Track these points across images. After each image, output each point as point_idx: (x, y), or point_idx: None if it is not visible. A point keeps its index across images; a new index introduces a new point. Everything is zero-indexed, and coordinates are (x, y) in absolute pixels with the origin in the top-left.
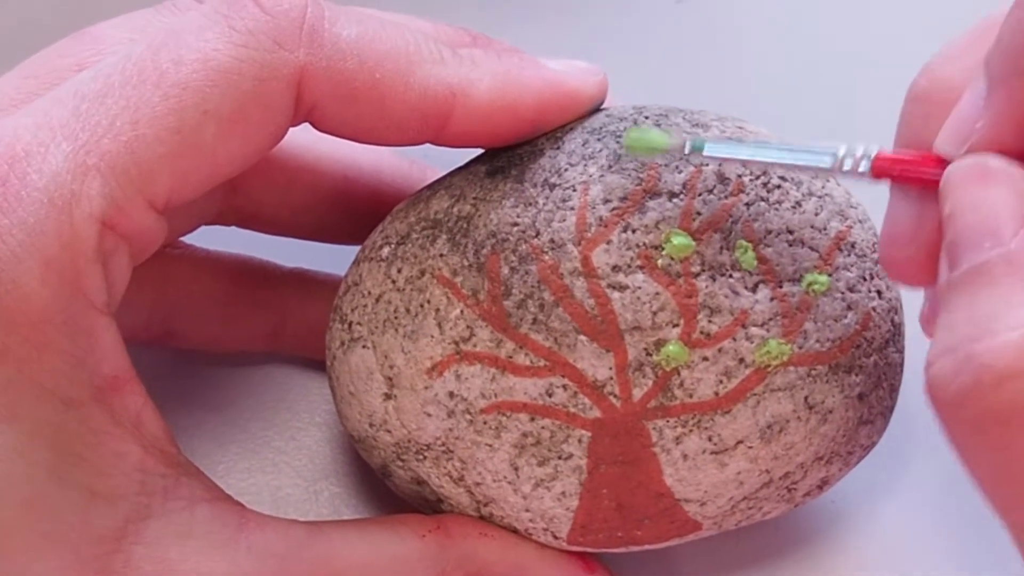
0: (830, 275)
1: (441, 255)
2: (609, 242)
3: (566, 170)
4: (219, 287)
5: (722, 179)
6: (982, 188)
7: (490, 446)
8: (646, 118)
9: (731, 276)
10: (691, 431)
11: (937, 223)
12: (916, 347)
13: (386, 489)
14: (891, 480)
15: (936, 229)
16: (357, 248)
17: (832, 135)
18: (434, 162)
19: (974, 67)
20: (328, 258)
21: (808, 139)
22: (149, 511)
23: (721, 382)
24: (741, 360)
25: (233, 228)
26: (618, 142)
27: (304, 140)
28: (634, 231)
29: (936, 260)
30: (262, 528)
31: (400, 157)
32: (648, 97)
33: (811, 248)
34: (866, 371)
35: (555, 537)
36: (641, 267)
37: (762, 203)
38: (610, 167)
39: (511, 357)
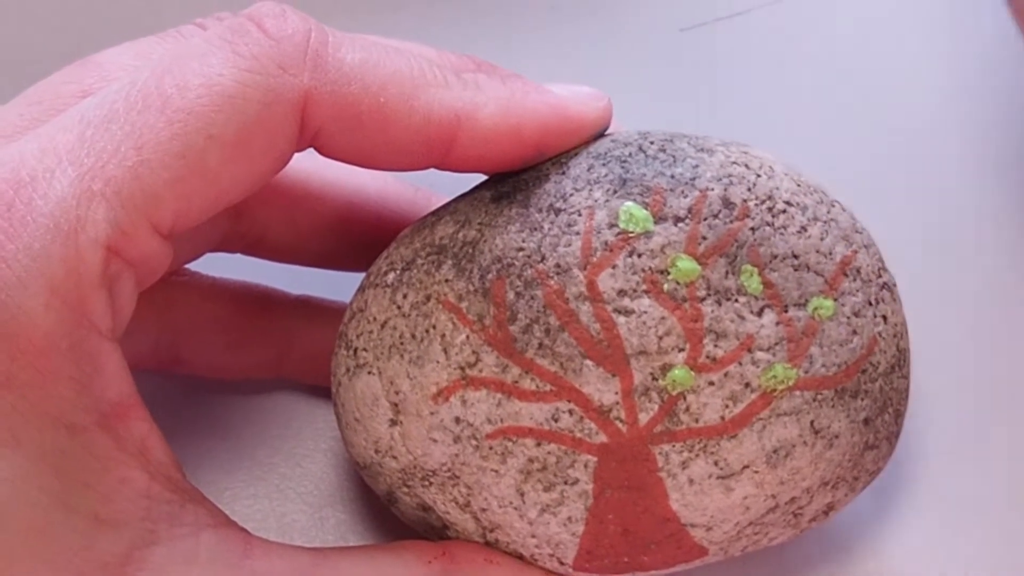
0: (835, 300)
1: (446, 280)
2: (615, 266)
3: (571, 195)
4: (224, 314)
5: (727, 204)
6: None
7: (496, 471)
8: (651, 143)
9: (737, 301)
10: (697, 456)
11: None
12: (921, 372)
13: (391, 516)
14: (896, 507)
15: None
16: (362, 275)
17: (835, 161)
18: (438, 189)
19: None
20: (333, 285)
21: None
22: (154, 537)
23: (727, 406)
24: (747, 385)
25: (238, 255)
26: (623, 167)
27: (309, 167)
28: (640, 255)
29: None
30: (267, 554)
31: (404, 184)
32: (652, 124)
33: (816, 273)
34: (872, 396)
35: (561, 563)
36: (647, 291)
37: (767, 228)
38: (615, 192)
39: (517, 382)
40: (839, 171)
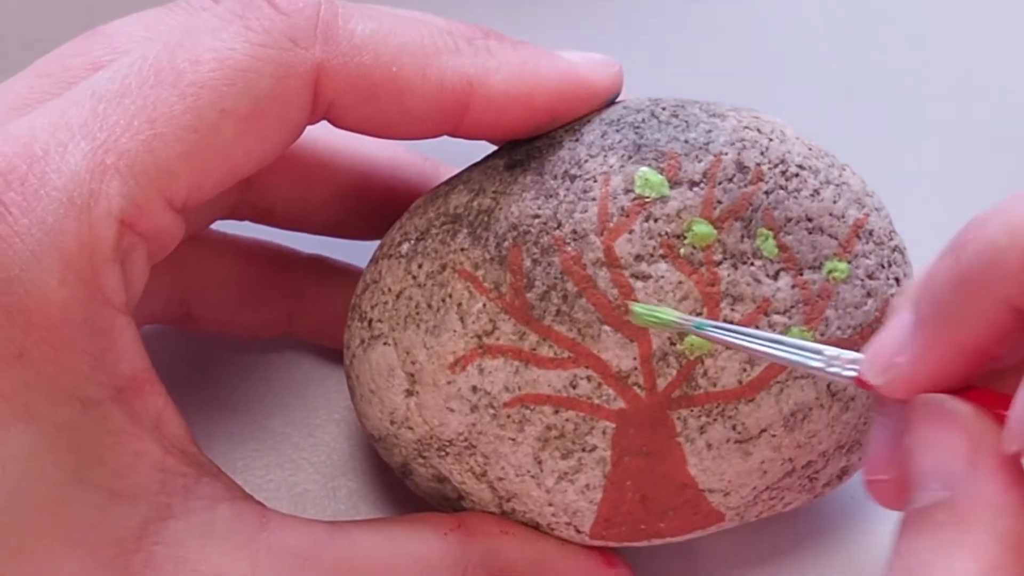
0: (849, 263)
1: (462, 249)
2: (631, 232)
3: (586, 161)
4: (237, 270)
5: (741, 168)
6: (938, 428)
7: (513, 440)
8: (663, 109)
9: (752, 264)
10: (715, 420)
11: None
12: None
13: (404, 486)
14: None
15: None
16: (372, 243)
17: (841, 128)
18: (449, 160)
19: None
20: (343, 254)
21: (799, 341)
22: (169, 511)
23: (744, 370)
24: None
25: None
26: (637, 133)
27: (319, 136)
28: (656, 220)
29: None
30: (283, 527)
31: (414, 153)
32: (662, 93)
33: (830, 236)
34: None
35: (578, 531)
36: (664, 256)
37: (781, 191)
38: (630, 157)
39: (535, 349)
40: (848, 139)
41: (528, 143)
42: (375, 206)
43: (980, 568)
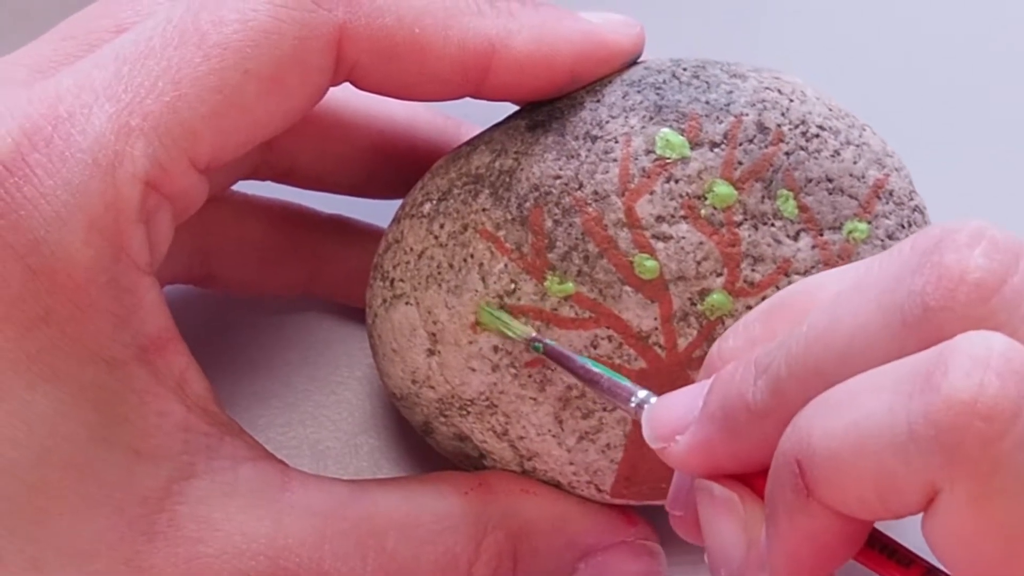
0: (869, 223)
1: (484, 209)
2: (652, 192)
3: (607, 122)
4: (258, 231)
5: (762, 128)
6: (715, 515)
7: (534, 400)
8: (684, 70)
9: (773, 225)
10: None
11: None
12: None
13: (426, 443)
14: None
15: None
16: (393, 202)
17: (861, 85)
18: (471, 120)
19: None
20: (364, 214)
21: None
22: (193, 470)
23: None
24: None
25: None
26: (658, 94)
27: (339, 96)
28: (677, 181)
29: None
30: (305, 487)
31: (435, 112)
32: (683, 53)
33: (850, 196)
34: None
35: (599, 490)
36: (684, 217)
37: (802, 152)
38: (651, 119)
39: (556, 310)
40: (865, 98)
41: (550, 104)
42: (396, 166)
43: None
